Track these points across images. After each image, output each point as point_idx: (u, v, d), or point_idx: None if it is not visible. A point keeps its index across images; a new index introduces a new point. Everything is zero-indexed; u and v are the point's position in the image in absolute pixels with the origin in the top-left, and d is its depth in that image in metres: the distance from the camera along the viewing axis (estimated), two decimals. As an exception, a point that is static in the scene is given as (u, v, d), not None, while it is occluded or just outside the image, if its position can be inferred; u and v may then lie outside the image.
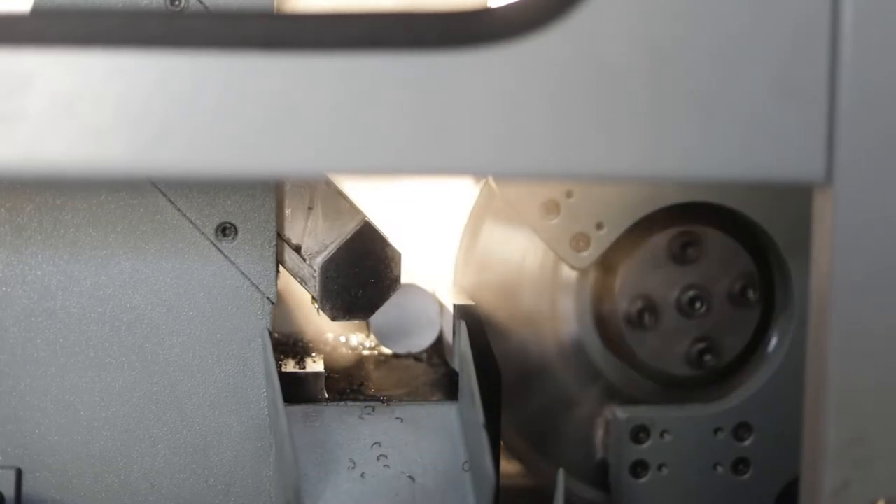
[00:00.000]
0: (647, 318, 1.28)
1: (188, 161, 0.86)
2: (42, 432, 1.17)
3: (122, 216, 1.16)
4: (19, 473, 1.17)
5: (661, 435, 1.28)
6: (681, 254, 1.28)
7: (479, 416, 1.08)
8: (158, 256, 1.17)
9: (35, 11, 1.09)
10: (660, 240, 1.28)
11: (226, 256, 1.17)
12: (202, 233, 1.17)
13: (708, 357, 1.29)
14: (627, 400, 1.31)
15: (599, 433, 1.32)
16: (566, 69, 0.86)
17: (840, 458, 0.90)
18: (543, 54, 0.86)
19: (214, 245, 1.17)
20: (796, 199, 1.25)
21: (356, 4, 1.26)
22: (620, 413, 1.29)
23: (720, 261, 1.29)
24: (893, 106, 0.88)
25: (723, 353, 1.30)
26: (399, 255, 1.22)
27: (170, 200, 1.17)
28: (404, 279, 1.22)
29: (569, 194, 1.26)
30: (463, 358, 1.16)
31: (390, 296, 1.22)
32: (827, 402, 0.90)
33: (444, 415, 1.16)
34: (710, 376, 1.31)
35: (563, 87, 0.87)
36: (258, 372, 1.18)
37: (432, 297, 1.32)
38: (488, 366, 1.16)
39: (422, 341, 1.31)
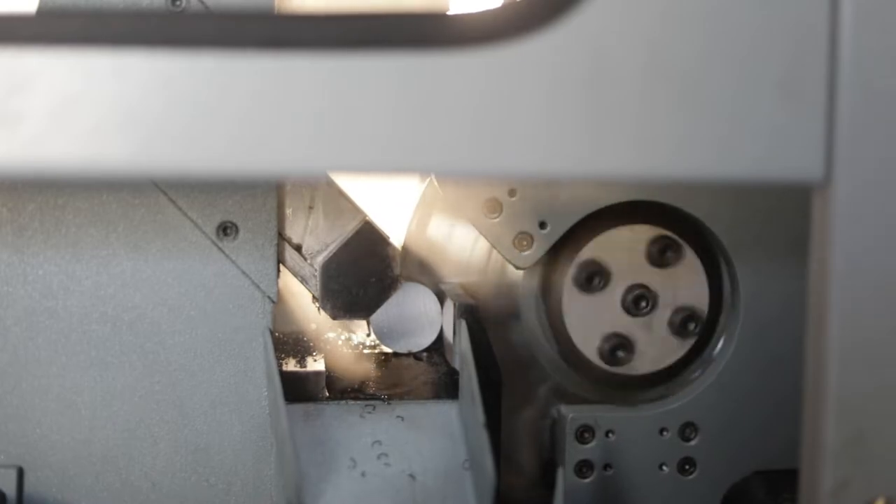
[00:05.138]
0: (595, 281, 1.27)
1: (189, 161, 0.86)
2: (43, 431, 1.17)
3: (124, 216, 1.17)
4: (21, 472, 1.18)
5: (607, 434, 1.26)
6: (658, 255, 1.27)
7: (480, 414, 1.08)
8: (160, 256, 1.17)
9: (37, 12, 1.09)
10: (642, 231, 1.27)
11: (227, 256, 1.17)
12: (203, 232, 1.17)
13: (620, 353, 1.28)
14: (576, 401, 1.30)
15: (546, 433, 1.31)
16: (567, 69, 0.86)
17: (839, 457, 0.90)
18: (543, 54, 0.86)
19: (215, 244, 1.17)
20: (741, 198, 1.25)
21: (356, 5, 1.26)
22: (565, 412, 1.27)
23: (684, 281, 1.28)
24: (893, 106, 0.88)
25: (637, 363, 1.28)
26: (399, 254, 1.22)
27: (171, 200, 1.17)
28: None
29: (511, 193, 1.23)
30: (463, 357, 1.16)
31: (391, 295, 1.22)
32: (826, 402, 0.90)
33: (444, 414, 1.16)
34: (633, 381, 1.30)
35: (564, 88, 0.87)
36: (259, 371, 1.19)
37: (432, 295, 1.32)
38: (489, 365, 1.16)
39: (422, 340, 1.31)
